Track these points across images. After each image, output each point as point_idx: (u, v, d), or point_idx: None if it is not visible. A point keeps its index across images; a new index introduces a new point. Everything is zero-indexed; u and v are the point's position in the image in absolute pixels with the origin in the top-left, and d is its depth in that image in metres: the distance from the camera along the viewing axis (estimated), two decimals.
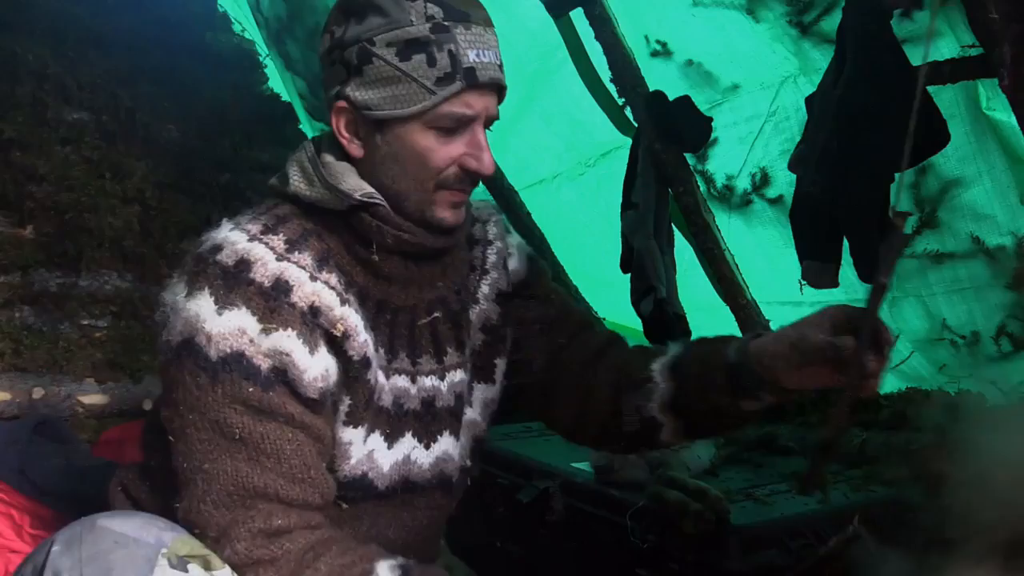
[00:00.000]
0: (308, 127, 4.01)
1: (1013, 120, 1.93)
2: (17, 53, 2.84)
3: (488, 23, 1.22)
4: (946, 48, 2.09)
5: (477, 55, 1.18)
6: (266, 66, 3.88)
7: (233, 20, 3.86)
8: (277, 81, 3.96)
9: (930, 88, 1.95)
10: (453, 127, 1.19)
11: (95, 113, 2.95)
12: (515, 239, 1.51)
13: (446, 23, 1.16)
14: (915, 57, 2.01)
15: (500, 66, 1.22)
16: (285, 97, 3.89)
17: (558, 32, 2.86)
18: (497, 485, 2.02)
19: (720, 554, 1.57)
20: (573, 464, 1.96)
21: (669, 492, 1.63)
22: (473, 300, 1.41)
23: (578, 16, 2.78)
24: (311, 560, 1.12)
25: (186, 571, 1.06)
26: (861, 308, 1.11)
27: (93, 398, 2.50)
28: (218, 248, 1.16)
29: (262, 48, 3.92)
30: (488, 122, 1.23)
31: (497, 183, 3.36)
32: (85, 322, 2.62)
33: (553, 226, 3.39)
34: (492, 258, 1.44)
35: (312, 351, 1.15)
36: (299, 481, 1.15)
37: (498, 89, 1.23)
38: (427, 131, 1.19)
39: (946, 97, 2.08)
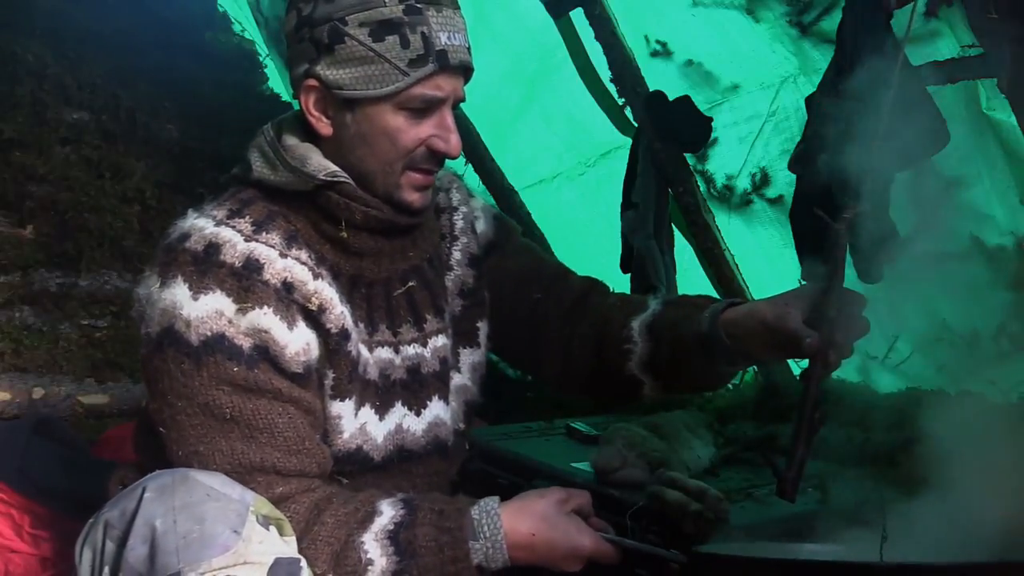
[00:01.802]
0: None
1: (1013, 120, 1.94)
2: (17, 53, 2.85)
3: (456, 6, 1.24)
4: (946, 48, 2.09)
5: (449, 38, 1.19)
6: (266, 66, 3.88)
7: (233, 20, 3.86)
8: (277, 81, 3.96)
9: (930, 88, 1.95)
10: (423, 108, 1.21)
11: (95, 113, 2.95)
12: (479, 202, 1.53)
13: (419, 5, 1.18)
14: (915, 57, 2.01)
15: (469, 49, 1.24)
16: (285, 97, 3.89)
17: (558, 32, 2.86)
18: (497, 485, 2.02)
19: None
20: (573, 464, 1.95)
21: (669, 492, 1.62)
22: (447, 267, 1.43)
23: (578, 16, 2.77)
24: (316, 517, 1.15)
25: (268, 530, 1.09)
26: (844, 289, 1.13)
27: (93, 398, 2.50)
28: (186, 236, 1.17)
29: (262, 48, 3.93)
30: (455, 104, 1.25)
31: (497, 183, 3.35)
32: (85, 322, 2.62)
33: (553, 226, 3.39)
34: (459, 224, 1.46)
35: (290, 327, 1.17)
36: (295, 453, 1.17)
37: (466, 71, 1.25)
38: (397, 112, 1.20)
39: (946, 97, 2.08)
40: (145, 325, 1.16)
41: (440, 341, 1.38)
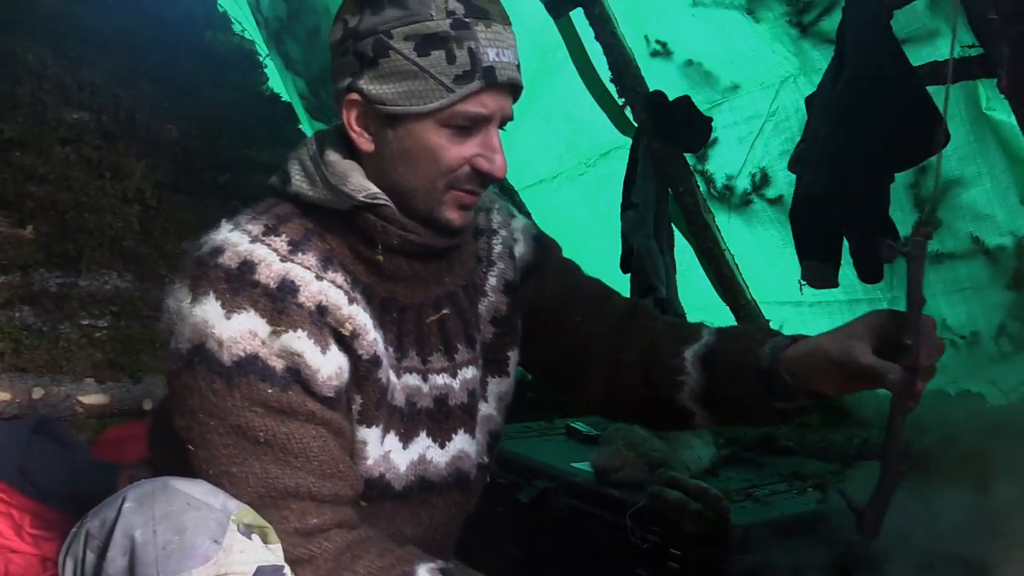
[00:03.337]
0: (308, 127, 4.01)
1: (1013, 120, 1.93)
2: (17, 53, 2.84)
3: (506, 21, 1.19)
4: (946, 48, 2.09)
5: (497, 54, 1.15)
6: (266, 66, 3.88)
7: (233, 20, 3.86)
8: (277, 81, 3.96)
9: (930, 88, 1.95)
10: (467, 126, 1.17)
11: (95, 113, 2.95)
12: (519, 222, 1.48)
13: (467, 19, 1.14)
14: (915, 57, 2.01)
15: (518, 66, 1.19)
16: (285, 97, 3.89)
17: (558, 32, 2.86)
18: (497, 485, 2.02)
19: (720, 554, 1.57)
20: (573, 464, 1.96)
21: (669, 492, 1.63)
22: (481, 293, 1.38)
23: (578, 16, 2.78)
24: (349, 561, 1.11)
25: (251, 539, 1.06)
26: (903, 313, 1.07)
27: (93, 398, 2.50)
28: (219, 250, 1.13)
29: (262, 48, 3.93)
30: (502, 122, 1.21)
31: (497, 183, 3.36)
32: (85, 322, 2.62)
33: (553, 226, 3.37)
34: (498, 248, 1.41)
35: (324, 350, 1.13)
36: (329, 476, 1.14)
37: (514, 89, 1.20)
38: (441, 129, 1.16)
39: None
40: (175, 340, 1.13)
41: (470, 373, 1.34)
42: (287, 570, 1.08)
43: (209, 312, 1.10)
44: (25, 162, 2.69)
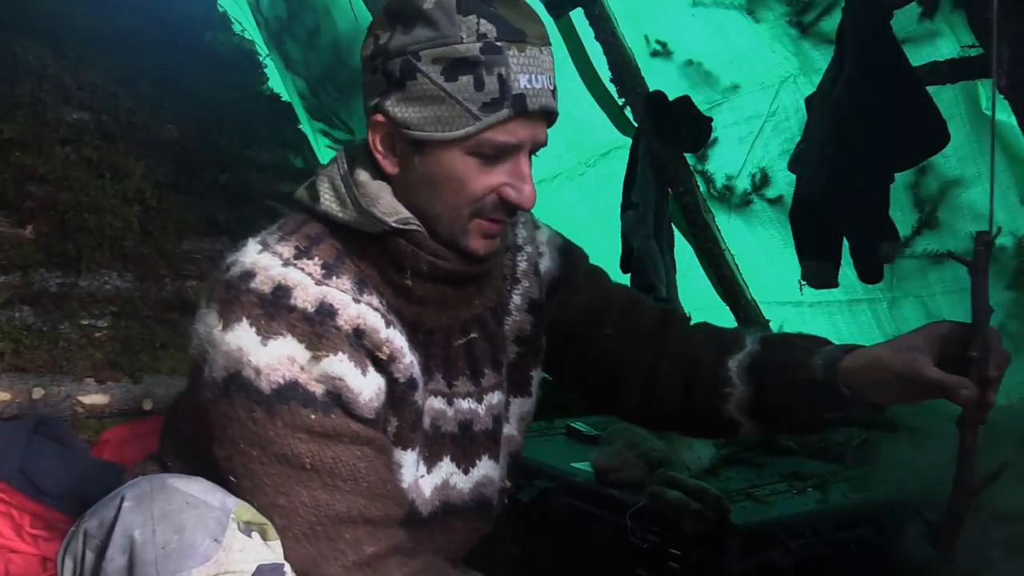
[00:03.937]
0: (308, 127, 4.02)
1: (1013, 120, 1.94)
2: (17, 53, 2.84)
3: (544, 41, 1.15)
4: (946, 48, 2.10)
5: (529, 80, 1.11)
6: (266, 66, 3.89)
7: (233, 20, 3.87)
8: (277, 81, 3.97)
9: (930, 88, 1.95)
10: (495, 155, 1.12)
11: (95, 113, 2.94)
12: (544, 234, 1.45)
13: (498, 43, 1.09)
14: (915, 57, 2.01)
15: (553, 91, 1.15)
16: (285, 97, 3.90)
17: (558, 32, 2.86)
18: None
19: (720, 554, 1.57)
20: (573, 464, 1.96)
21: (669, 492, 1.62)
22: (505, 312, 1.34)
23: (578, 16, 2.78)
24: None
25: (250, 537, 1.05)
26: (966, 324, 1.06)
27: (93, 398, 2.50)
28: (250, 274, 1.10)
29: (262, 48, 3.93)
30: (534, 149, 1.17)
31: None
32: (85, 322, 2.61)
33: (553, 226, 3.39)
34: (522, 265, 1.38)
35: (363, 372, 1.11)
36: (379, 497, 1.11)
37: (548, 115, 1.17)
38: (467, 157, 1.12)
39: (946, 97, 2.08)
40: (208, 368, 1.09)
41: (496, 398, 1.31)
42: (287, 568, 1.07)
43: (244, 339, 1.07)
44: (25, 162, 2.68)
